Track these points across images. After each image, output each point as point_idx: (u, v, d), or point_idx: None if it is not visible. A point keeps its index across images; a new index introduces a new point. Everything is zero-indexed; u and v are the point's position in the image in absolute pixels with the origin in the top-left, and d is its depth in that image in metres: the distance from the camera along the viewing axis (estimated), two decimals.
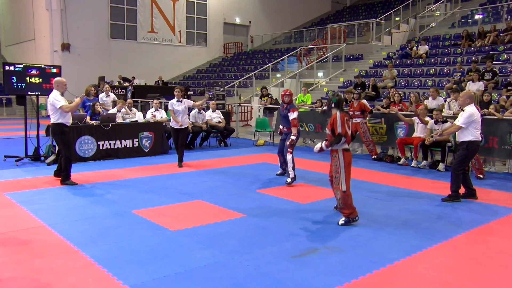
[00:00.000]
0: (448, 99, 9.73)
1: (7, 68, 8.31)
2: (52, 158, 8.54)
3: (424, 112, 8.98)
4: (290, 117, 7.16)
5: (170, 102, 8.85)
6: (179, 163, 8.77)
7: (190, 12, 27.08)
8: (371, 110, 10.07)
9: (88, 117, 9.51)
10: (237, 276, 3.71)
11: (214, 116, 11.78)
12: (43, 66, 8.78)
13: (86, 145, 9.05)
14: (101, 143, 9.28)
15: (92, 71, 21.55)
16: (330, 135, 5.21)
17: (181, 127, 8.77)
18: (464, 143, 6.22)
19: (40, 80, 8.59)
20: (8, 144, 10.89)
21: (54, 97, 6.81)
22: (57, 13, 22.12)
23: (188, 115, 10.17)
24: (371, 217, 5.41)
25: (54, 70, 8.79)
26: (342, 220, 5.14)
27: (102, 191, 6.64)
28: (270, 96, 14.19)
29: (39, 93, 8.70)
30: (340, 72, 18.36)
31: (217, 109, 12.56)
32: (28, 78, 8.46)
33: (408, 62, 16.29)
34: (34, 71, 8.54)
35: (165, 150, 10.44)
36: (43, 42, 23.01)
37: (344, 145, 5.13)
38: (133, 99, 14.34)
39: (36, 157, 8.87)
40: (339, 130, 5.03)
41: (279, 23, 29.67)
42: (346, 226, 5.08)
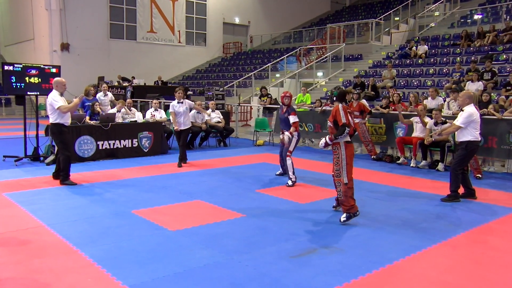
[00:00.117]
0: (448, 99, 9.74)
1: (6, 68, 8.30)
2: (51, 158, 8.53)
3: (424, 112, 8.99)
4: (291, 120, 7.12)
5: (171, 104, 8.84)
6: (179, 162, 8.76)
7: (189, 12, 27.08)
8: (370, 111, 10.07)
9: (87, 117, 9.51)
10: (236, 276, 3.71)
11: (214, 116, 11.78)
12: (42, 66, 8.78)
13: (86, 145, 9.05)
14: (101, 143, 9.28)
15: (92, 71, 21.54)
16: (332, 127, 5.21)
17: (184, 128, 8.80)
18: (463, 143, 6.23)
19: (39, 80, 8.59)
20: (7, 144, 10.87)
21: (52, 98, 6.82)
22: (56, 13, 22.11)
23: None
24: (370, 217, 5.41)
25: (54, 70, 8.79)
26: (344, 217, 5.15)
27: (101, 191, 6.64)
28: (269, 96, 14.18)
29: (38, 93, 8.69)
30: (339, 72, 18.37)
31: (217, 109, 12.56)
32: (27, 78, 8.45)
33: (408, 62, 16.30)
34: (33, 71, 8.54)
35: (165, 150, 10.43)
36: (42, 42, 23.00)
37: (347, 137, 5.13)
38: (133, 99, 14.32)
39: (35, 157, 8.86)
40: (343, 121, 5.04)
41: (279, 23, 29.67)
42: (346, 225, 5.08)
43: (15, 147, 9.85)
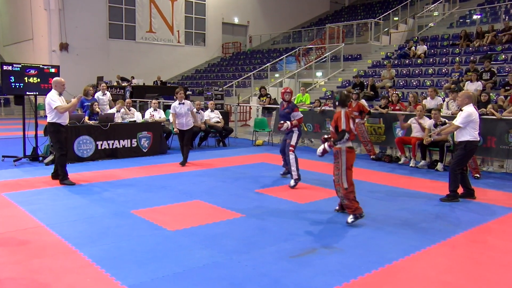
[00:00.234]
0: (447, 99, 9.74)
1: (5, 68, 8.29)
2: (50, 158, 8.52)
3: (422, 113, 9.00)
4: (296, 117, 7.07)
5: (172, 105, 8.85)
6: (183, 161, 8.81)
7: (188, 12, 27.05)
8: (369, 111, 10.08)
9: (86, 117, 9.50)
10: (235, 276, 3.71)
11: (213, 116, 11.78)
12: (41, 66, 8.77)
13: (85, 145, 9.04)
14: (100, 143, 9.27)
15: (91, 71, 21.52)
16: (333, 133, 5.21)
17: (187, 128, 8.82)
18: (462, 143, 6.24)
19: (38, 80, 8.58)
20: (6, 144, 10.87)
21: (50, 97, 6.83)
22: (55, 13, 22.08)
23: None
24: (370, 217, 5.41)
25: (53, 70, 8.78)
26: (351, 218, 5.13)
27: (100, 191, 6.63)
28: (268, 96, 14.18)
29: (37, 93, 8.68)
30: (338, 72, 18.37)
31: (216, 109, 12.55)
32: (26, 78, 8.44)
33: (407, 62, 16.31)
34: (32, 71, 8.53)
35: (164, 150, 10.43)
36: (42, 42, 22.97)
37: (348, 142, 5.13)
38: (132, 99, 14.31)
39: (35, 157, 8.85)
40: (343, 127, 5.04)
41: (278, 23, 29.66)
42: (345, 225, 5.08)
43: (14, 147, 9.84)
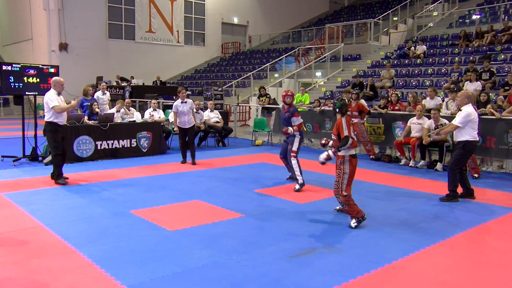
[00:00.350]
0: (446, 99, 9.75)
1: (4, 68, 8.29)
2: (49, 158, 8.49)
3: (421, 113, 9.01)
4: (295, 123, 7.04)
5: (175, 104, 8.90)
6: (192, 160, 8.97)
7: (188, 12, 27.04)
8: (369, 111, 10.08)
9: (86, 117, 9.49)
10: (235, 276, 3.71)
11: (212, 116, 11.78)
12: (40, 66, 8.77)
13: (84, 145, 9.04)
14: (99, 143, 9.27)
15: (90, 71, 21.50)
16: (336, 141, 5.20)
17: (189, 126, 8.90)
18: (461, 142, 6.24)
19: (38, 80, 8.58)
20: (5, 144, 10.86)
21: (48, 97, 6.84)
22: (54, 12, 22.05)
23: None
24: (369, 217, 5.40)
25: (52, 70, 8.78)
26: (354, 222, 5.08)
27: (100, 191, 6.63)
28: (268, 96, 14.18)
29: (36, 93, 8.68)
30: (338, 72, 18.38)
31: (215, 109, 12.55)
32: (25, 78, 8.45)
33: (406, 62, 16.31)
34: (31, 71, 8.53)
35: (163, 150, 10.43)
36: (41, 42, 22.95)
37: (351, 150, 5.11)
38: (131, 99, 14.30)
39: (34, 157, 8.85)
40: (345, 133, 5.02)
41: (277, 23, 29.66)
42: (345, 226, 5.08)
43: (13, 147, 9.84)
